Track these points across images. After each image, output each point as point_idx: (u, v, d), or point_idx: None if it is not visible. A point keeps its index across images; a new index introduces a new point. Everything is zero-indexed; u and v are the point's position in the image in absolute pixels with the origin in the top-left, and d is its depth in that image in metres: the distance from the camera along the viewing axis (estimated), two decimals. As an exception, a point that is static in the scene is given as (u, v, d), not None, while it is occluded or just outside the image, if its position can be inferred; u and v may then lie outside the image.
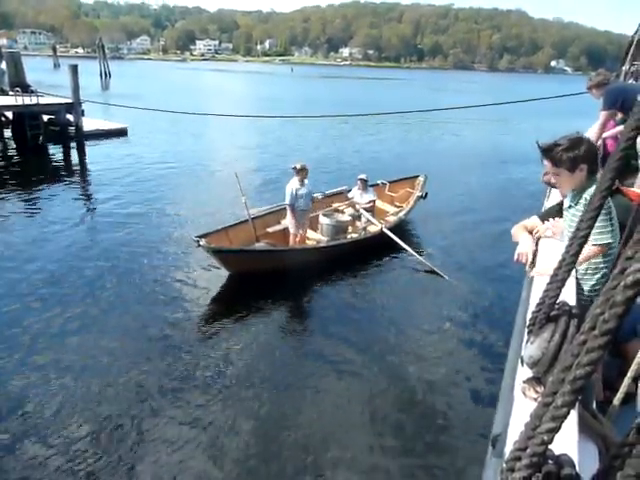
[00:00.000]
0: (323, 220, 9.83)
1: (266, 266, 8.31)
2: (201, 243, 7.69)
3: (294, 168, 9.10)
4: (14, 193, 12.98)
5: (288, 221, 9.40)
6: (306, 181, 9.17)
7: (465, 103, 18.32)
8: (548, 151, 2.65)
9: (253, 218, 9.49)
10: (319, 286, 8.61)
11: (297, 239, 9.39)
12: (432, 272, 8.97)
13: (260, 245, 9.15)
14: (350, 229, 10.25)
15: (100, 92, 41.47)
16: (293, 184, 9.05)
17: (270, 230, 9.72)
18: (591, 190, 2.55)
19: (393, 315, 7.71)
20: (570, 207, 2.69)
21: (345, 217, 10.24)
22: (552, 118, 31.34)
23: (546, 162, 2.73)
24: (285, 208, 9.46)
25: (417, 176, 12.48)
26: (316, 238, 9.82)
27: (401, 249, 9.53)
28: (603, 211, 2.48)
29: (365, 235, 9.92)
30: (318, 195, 9.99)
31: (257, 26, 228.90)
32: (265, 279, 8.13)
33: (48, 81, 35.35)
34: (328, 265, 8.90)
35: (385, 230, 9.66)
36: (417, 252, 9.40)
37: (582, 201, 2.60)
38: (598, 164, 2.68)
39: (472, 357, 6.57)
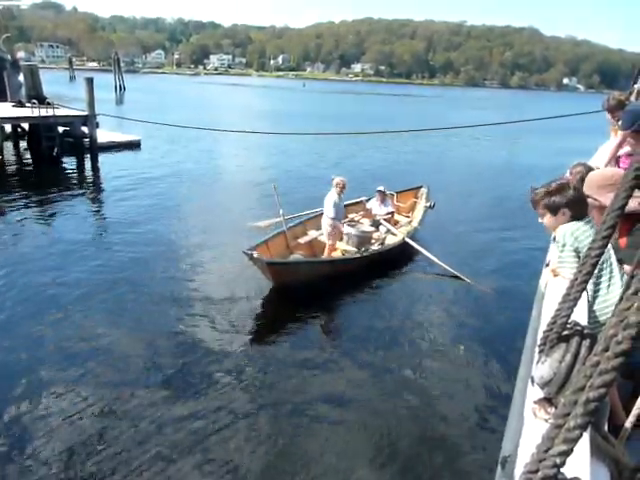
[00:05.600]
0: (349, 230, 10.00)
1: (309, 277, 8.56)
2: (255, 255, 7.83)
3: (339, 185, 9.40)
4: (29, 203, 13.11)
5: (325, 232, 9.66)
6: (342, 195, 9.55)
7: (479, 120, 18.35)
8: (534, 194, 2.87)
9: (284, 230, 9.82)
10: (353, 296, 8.77)
11: (330, 249, 9.74)
12: (455, 277, 9.20)
13: (296, 256, 9.48)
14: (372, 239, 10.50)
15: (115, 105, 42.02)
16: (334, 197, 9.36)
17: (301, 241, 9.98)
18: (559, 230, 2.71)
19: (414, 327, 7.73)
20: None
21: (369, 227, 10.53)
22: (563, 135, 31.34)
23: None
24: (310, 218, 10.30)
25: (420, 187, 12.88)
26: (343, 248, 9.98)
27: (421, 257, 9.85)
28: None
29: (392, 244, 10.13)
30: None
31: (270, 41, 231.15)
32: (303, 290, 8.33)
33: (64, 94, 35.88)
34: (359, 274, 9.16)
35: (407, 239, 10.01)
36: (439, 259, 9.54)
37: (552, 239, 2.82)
38: (584, 210, 2.81)
39: (482, 374, 6.49)
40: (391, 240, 10.35)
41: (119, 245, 10.31)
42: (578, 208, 2.73)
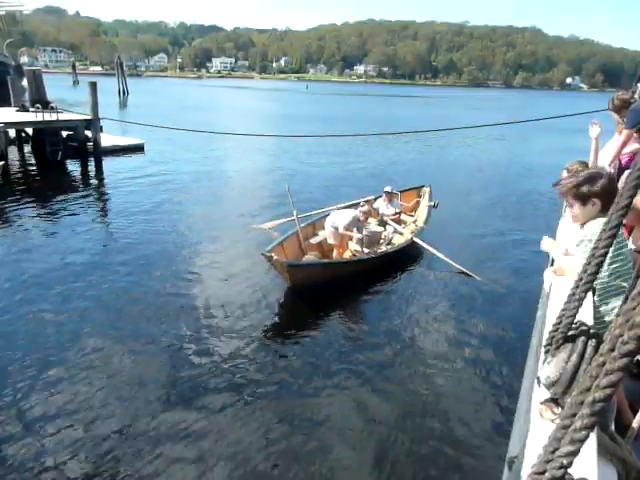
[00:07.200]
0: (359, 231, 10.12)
1: (324, 277, 8.66)
2: (275, 258, 7.92)
3: (364, 213, 9.65)
4: (34, 208, 13.13)
5: (328, 234, 9.85)
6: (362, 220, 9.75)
7: (482, 120, 18.34)
8: (563, 184, 2.82)
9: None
10: (365, 296, 8.84)
11: (339, 251, 9.96)
12: (464, 274, 9.35)
13: (310, 257, 9.56)
14: (381, 239, 10.59)
15: (118, 109, 42.14)
16: (356, 214, 9.59)
17: (312, 242, 10.08)
18: (590, 225, 2.66)
19: (423, 326, 7.73)
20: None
21: (377, 227, 10.69)
22: (567, 134, 31.23)
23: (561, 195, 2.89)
24: (320, 219, 10.45)
25: (422, 186, 13.04)
26: (353, 249, 10.02)
27: (429, 255, 10.06)
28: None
29: (402, 244, 10.25)
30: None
31: (273, 44, 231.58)
32: (317, 290, 8.42)
33: (68, 98, 36.01)
34: (371, 275, 9.27)
35: (416, 239, 10.19)
36: (447, 257, 9.65)
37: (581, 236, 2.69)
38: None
39: (488, 374, 6.47)
40: (400, 240, 10.47)
41: (125, 248, 10.29)
42: (609, 199, 2.68)
